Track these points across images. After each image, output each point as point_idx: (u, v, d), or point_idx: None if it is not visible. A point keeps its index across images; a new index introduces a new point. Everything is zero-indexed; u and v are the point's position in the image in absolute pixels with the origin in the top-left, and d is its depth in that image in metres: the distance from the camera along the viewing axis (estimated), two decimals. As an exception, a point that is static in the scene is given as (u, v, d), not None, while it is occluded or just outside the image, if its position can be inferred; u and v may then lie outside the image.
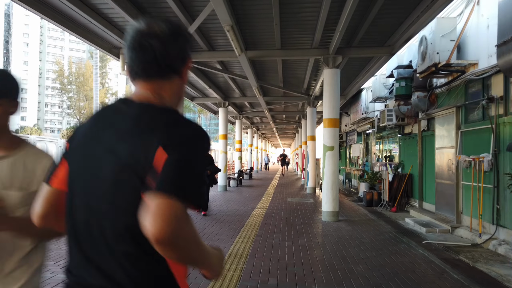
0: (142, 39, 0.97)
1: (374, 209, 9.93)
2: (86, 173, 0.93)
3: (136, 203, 0.80)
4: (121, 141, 0.88)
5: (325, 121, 8.10)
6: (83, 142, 0.97)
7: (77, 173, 0.96)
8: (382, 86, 11.29)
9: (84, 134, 0.98)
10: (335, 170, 7.98)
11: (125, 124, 0.91)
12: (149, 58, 0.96)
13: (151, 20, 1.01)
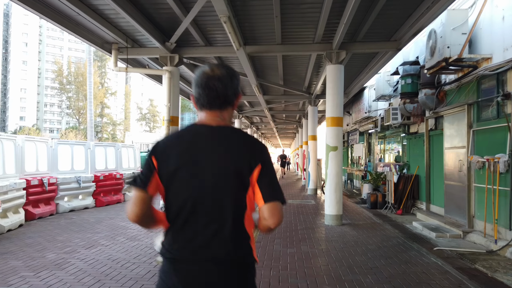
0: (209, 81, 1.33)
1: (379, 211, 9.53)
2: (193, 180, 1.27)
3: (237, 200, 1.27)
4: (229, 155, 1.30)
5: (328, 120, 7.70)
6: (186, 160, 1.30)
7: (179, 176, 1.28)
8: (386, 83, 10.89)
9: (182, 153, 1.31)
10: (339, 171, 7.59)
11: (228, 142, 1.33)
12: (213, 95, 1.33)
13: (214, 66, 1.36)
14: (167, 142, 1.35)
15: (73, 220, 7.85)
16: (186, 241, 1.28)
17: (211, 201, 1.28)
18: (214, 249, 1.27)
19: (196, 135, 1.35)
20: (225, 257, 1.27)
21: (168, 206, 1.32)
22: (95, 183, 10.18)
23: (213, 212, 1.28)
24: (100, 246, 5.59)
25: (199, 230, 1.28)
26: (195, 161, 1.29)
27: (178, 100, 8.02)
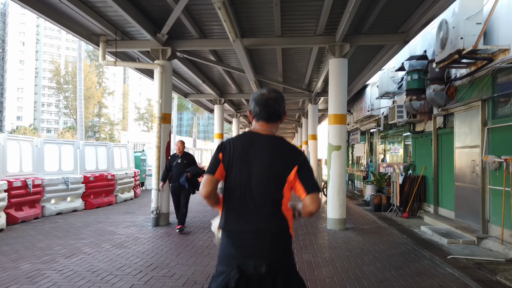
0: (267, 101, 1.84)
1: (383, 214, 9.05)
2: (249, 173, 1.76)
3: (280, 192, 1.74)
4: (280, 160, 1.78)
5: (331, 118, 7.21)
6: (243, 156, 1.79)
7: (238, 171, 1.77)
8: (390, 80, 10.41)
9: (242, 151, 1.80)
10: (342, 172, 7.10)
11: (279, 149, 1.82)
12: (271, 112, 1.84)
13: (271, 89, 1.90)
14: (230, 143, 1.83)
15: (58, 224, 7.34)
16: (237, 218, 1.77)
17: (258, 190, 1.76)
18: (256, 224, 1.74)
19: (251, 139, 1.84)
20: (267, 230, 1.74)
21: (226, 188, 1.81)
22: (84, 185, 9.67)
23: (256, 197, 1.76)
24: (82, 255, 5.09)
25: (248, 211, 1.75)
26: (248, 159, 1.78)
27: (171, 97, 7.52)
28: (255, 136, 1.85)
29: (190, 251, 5.35)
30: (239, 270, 1.68)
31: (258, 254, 1.70)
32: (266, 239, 1.73)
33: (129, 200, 11.61)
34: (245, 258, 1.71)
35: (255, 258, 1.70)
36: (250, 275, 1.69)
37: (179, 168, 6.65)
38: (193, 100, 14.62)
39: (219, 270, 1.75)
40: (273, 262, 1.71)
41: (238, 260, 1.71)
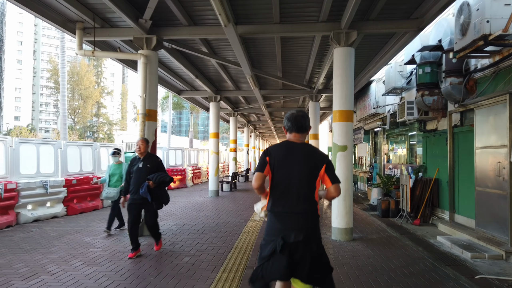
0: (297, 117, 2.53)
1: (392, 221, 8.26)
2: (291, 172, 2.41)
3: (314, 184, 2.43)
4: (312, 160, 2.47)
5: (336, 114, 6.42)
6: (285, 159, 2.47)
7: (282, 170, 2.44)
8: (398, 75, 9.63)
9: (283, 155, 2.48)
10: (349, 175, 6.31)
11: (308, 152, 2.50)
12: (299, 125, 2.52)
13: (298, 110, 2.58)
14: (274, 149, 2.56)
15: (30, 234, 6.55)
16: (283, 203, 2.46)
17: (296, 183, 2.46)
18: (297, 207, 2.43)
19: (289, 146, 2.56)
20: (303, 211, 2.44)
21: (273, 184, 2.49)
22: (66, 188, 8.88)
23: (297, 188, 2.46)
24: (44, 275, 4.30)
25: (289, 198, 2.46)
26: (288, 161, 2.49)
27: (156, 91, 6.74)
28: (291, 144, 2.57)
29: (173, 270, 4.56)
30: (283, 239, 2.36)
31: (297, 228, 2.40)
32: (303, 218, 2.44)
33: (118, 204, 10.82)
34: (287, 231, 2.39)
35: (295, 231, 2.38)
36: (290, 243, 2.36)
37: (140, 175, 5.02)
38: (187, 97, 13.82)
39: (267, 239, 2.46)
40: (307, 232, 2.41)
41: (283, 232, 2.39)
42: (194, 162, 19.39)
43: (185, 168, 16.72)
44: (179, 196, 13.05)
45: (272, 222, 2.45)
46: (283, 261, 2.32)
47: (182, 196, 13.07)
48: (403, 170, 10.57)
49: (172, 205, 10.39)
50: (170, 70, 10.49)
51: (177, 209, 9.63)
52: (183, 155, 17.03)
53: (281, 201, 2.46)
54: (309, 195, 2.46)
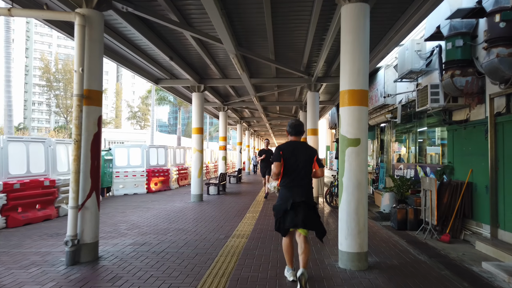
0: (296, 126, 4.04)
1: (412, 235, 6.57)
2: (297, 160, 3.83)
3: (310, 168, 3.91)
4: (308, 152, 3.93)
5: (344, 96, 4.69)
6: (293, 154, 3.85)
7: (292, 161, 3.83)
8: (415, 55, 7.92)
9: (291, 151, 3.87)
10: (363, 180, 4.59)
11: (306, 148, 4.00)
12: (298, 131, 4.03)
13: (295, 119, 4.14)
14: (284, 146, 3.89)
15: None
16: (292, 180, 3.80)
17: (301, 169, 3.81)
18: (302, 182, 3.81)
19: (293, 144, 3.91)
20: (305, 185, 3.82)
21: (285, 168, 3.79)
22: (5, 194, 7.13)
23: (302, 172, 3.81)
24: None
25: (296, 176, 3.79)
26: (295, 154, 3.82)
27: (101, 65, 4.98)
28: (294, 143, 3.98)
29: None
30: (291, 200, 3.71)
31: (300, 194, 3.76)
32: (304, 189, 3.83)
33: (79, 212, 9.06)
34: (294, 197, 3.73)
35: (299, 196, 3.74)
36: (296, 203, 3.70)
37: None
38: (166, 87, 12.05)
39: (280, 202, 3.83)
40: (306, 198, 3.77)
41: (292, 198, 3.73)
42: (180, 161, 17.61)
43: (168, 169, 14.95)
44: (157, 201, 11.30)
45: (284, 192, 3.88)
46: (292, 215, 3.71)
47: (161, 200, 11.32)
48: (419, 171, 8.88)
49: (143, 214, 8.64)
50: (140, 51, 8.74)
51: (146, 219, 7.88)
52: (166, 154, 15.26)
53: (290, 178, 3.86)
54: (308, 174, 3.93)
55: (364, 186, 4.59)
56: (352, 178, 4.54)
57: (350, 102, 4.61)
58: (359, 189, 4.54)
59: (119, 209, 9.42)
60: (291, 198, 3.72)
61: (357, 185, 4.53)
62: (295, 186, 3.81)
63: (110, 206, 10.11)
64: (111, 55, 8.89)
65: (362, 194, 4.55)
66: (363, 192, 4.57)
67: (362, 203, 4.56)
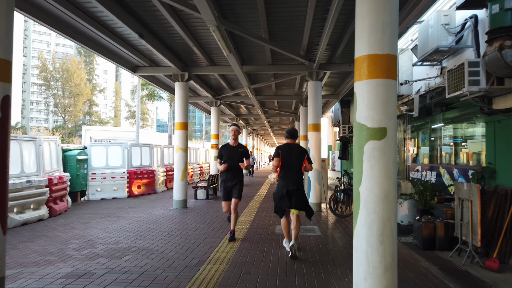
0: (291, 132, 5.25)
1: (444, 258, 5.04)
2: (290, 158, 5.03)
3: (301, 164, 5.08)
4: (300, 152, 5.11)
5: (363, 64, 3.16)
6: (288, 153, 5.06)
7: (287, 158, 5.03)
8: (443, 30, 6.38)
9: (287, 151, 5.08)
10: (391, 189, 3.06)
11: (299, 149, 5.17)
12: (292, 135, 5.22)
13: (291, 127, 5.50)
14: (282, 147, 5.09)
15: None
16: (287, 173, 4.97)
17: (294, 165, 5.00)
18: (294, 175, 4.96)
19: (289, 145, 5.14)
20: (296, 177, 4.97)
21: (282, 164, 4.99)
22: None
23: (294, 168, 5.00)
24: None
25: (291, 172, 4.97)
26: (290, 153, 5.03)
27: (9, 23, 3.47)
28: (290, 145, 5.11)
29: None
30: (286, 188, 4.86)
31: (292, 184, 4.86)
32: (296, 180, 4.91)
33: (36, 222, 7.57)
34: (288, 186, 4.86)
35: (292, 185, 4.85)
36: (290, 191, 4.85)
37: None
38: (145, 76, 10.52)
39: (278, 190, 4.97)
40: (297, 186, 4.88)
41: (286, 186, 4.87)
42: (169, 161, 16.10)
43: (153, 170, 13.43)
44: (135, 207, 9.79)
45: (281, 182, 4.99)
46: (286, 199, 4.89)
47: (140, 207, 9.81)
48: (443, 173, 7.34)
49: (109, 225, 7.13)
50: (105, 28, 7.23)
51: (109, 234, 6.37)
52: (151, 153, 13.73)
53: (286, 172, 4.98)
54: (299, 169, 5.03)
55: (393, 201, 3.06)
56: (375, 188, 3.01)
57: (371, 73, 3.08)
58: (385, 204, 3.01)
59: (84, 219, 7.92)
60: (286, 187, 4.91)
61: (383, 199, 3.01)
62: (289, 178, 4.96)
63: (76, 214, 8.60)
64: (73, 34, 7.41)
65: (390, 212, 3.02)
66: (392, 209, 3.04)
67: (390, 225, 3.03)
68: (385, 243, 2.99)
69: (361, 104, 3.13)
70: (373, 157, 3.03)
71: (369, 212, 3.02)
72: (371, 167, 3.04)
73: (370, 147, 3.05)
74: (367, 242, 3.02)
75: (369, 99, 3.07)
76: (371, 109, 3.06)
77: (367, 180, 3.05)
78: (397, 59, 3.14)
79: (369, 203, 3.03)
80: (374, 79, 3.06)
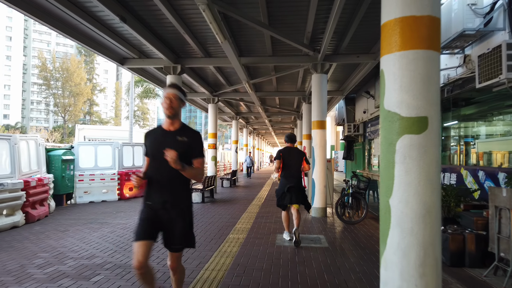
0: (290, 135, 5.96)
1: (477, 278, 4.20)
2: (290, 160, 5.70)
3: (300, 165, 5.74)
4: (298, 154, 5.80)
5: (394, 29, 2.33)
6: (288, 155, 5.73)
7: (288, 160, 5.69)
8: (469, 10, 5.54)
9: (287, 153, 5.76)
10: (435, 201, 2.22)
11: (298, 152, 5.87)
12: (291, 140, 5.91)
13: (291, 133, 6.10)
14: (283, 150, 5.76)
15: None
16: (288, 172, 5.63)
17: (294, 165, 5.67)
18: (294, 174, 5.63)
19: (289, 149, 5.80)
20: (296, 176, 5.63)
21: (284, 165, 5.65)
22: None
23: (294, 168, 5.67)
24: None
25: (290, 170, 5.64)
26: (290, 155, 5.72)
27: None
28: (290, 148, 5.79)
29: None
30: (287, 186, 5.49)
31: (292, 181, 5.53)
32: (295, 178, 5.57)
33: (8, 230, 6.76)
34: (290, 183, 5.51)
35: (292, 183, 5.51)
36: (290, 186, 5.49)
37: None
38: (134, 69, 9.69)
39: (280, 187, 5.63)
40: (296, 183, 5.55)
41: (287, 183, 5.52)
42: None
43: (147, 171, 12.60)
44: (124, 211, 8.98)
45: (283, 181, 5.62)
46: (288, 195, 5.49)
47: (130, 211, 9.00)
48: (464, 176, 6.51)
49: (88, 234, 6.31)
50: (82, 10, 6.42)
51: (85, 245, 5.55)
52: (145, 153, 12.92)
53: (287, 172, 5.61)
54: (298, 169, 5.65)
55: (437, 218, 2.22)
56: (412, 200, 2.18)
57: (405, 42, 2.24)
58: (427, 223, 2.17)
59: (63, 226, 7.11)
60: (287, 184, 5.55)
61: (424, 215, 2.17)
62: (289, 177, 5.61)
63: (57, 220, 7.80)
64: (49, 19, 6.61)
65: (433, 234, 2.19)
66: (436, 229, 2.20)
67: (434, 252, 2.19)
68: (427, 276, 2.15)
69: (391, 85, 2.29)
70: (410, 157, 2.20)
71: (405, 233, 2.19)
72: (406, 172, 2.20)
73: (405, 143, 2.22)
74: (402, 275, 2.19)
75: (403, 78, 2.24)
76: (406, 91, 2.23)
77: (401, 189, 2.21)
78: (440, 24, 2.30)
79: (404, 221, 2.19)
80: (410, 50, 2.23)
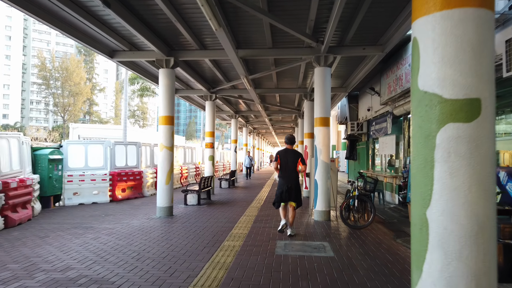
0: (289, 137, 6.50)
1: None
2: (287, 161, 6.25)
3: (296, 165, 6.29)
4: (295, 156, 6.33)
5: None
6: (285, 156, 6.28)
7: (284, 160, 6.25)
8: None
9: (284, 154, 6.31)
10: (490, 215, 1.64)
11: (294, 153, 6.38)
12: (290, 142, 6.47)
13: (290, 134, 6.56)
14: (281, 151, 6.33)
15: None
16: (285, 172, 6.19)
17: (290, 166, 6.22)
18: (290, 174, 6.19)
19: (287, 150, 6.36)
20: (292, 176, 6.20)
21: (281, 165, 6.24)
22: None
23: (290, 168, 6.22)
24: None
25: (287, 171, 6.20)
26: (287, 157, 6.25)
27: None
28: (288, 149, 6.34)
29: None
30: (286, 186, 6.07)
31: (290, 182, 6.10)
32: (292, 178, 6.17)
33: (-17, 236, 6.19)
34: (287, 183, 6.08)
35: (289, 183, 6.09)
36: (287, 187, 6.07)
37: None
38: (124, 62, 9.08)
39: (279, 187, 6.20)
40: (294, 183, 6.14)
41: (285, 184, 6.09)
42: (149, 164, 14.69)
43: (141, 171, 12.04)
44: (114, 214, 8.41)
45: (281, 180, 6.12)
46: (286, 194, 6.03)
47: (119, 214, 8.43)
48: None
49: (70, 241, 5.73)
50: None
51: (63, 255, 4.97)
52: (138, 153, 12.34)
53: (284, 172, 6.13)
54: (294, 169, 6.17)
55: (492, 236, 1.64)
56: (460, 211, 1.60)
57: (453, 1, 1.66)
58: (479, 244, 1.59)
59: (44, 231, 6.54)
60: (285, 184, 6.11)
61: (476, 233, 1.59)
62: (286, 177, 6.16)
63: (39, 224, 7.23)
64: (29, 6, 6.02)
65: (488, 259, 1.61)
66: (491, 252, 1.62)
67: (489, 283, 1.61)
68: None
69: (429, 57, 1.71)
70: (456, 154, 1.62)
71: (450, 258, 1.61)
72: (451, 174, 1.62)
73: (449, 135, 1.64)
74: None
75: (447, 47, 1.66)
76: (451, 65, 1.65)
77: (443, 197, 1.63)
78: None
79: (449, 240, 1.61)
80: (456, 8, 1.64)
